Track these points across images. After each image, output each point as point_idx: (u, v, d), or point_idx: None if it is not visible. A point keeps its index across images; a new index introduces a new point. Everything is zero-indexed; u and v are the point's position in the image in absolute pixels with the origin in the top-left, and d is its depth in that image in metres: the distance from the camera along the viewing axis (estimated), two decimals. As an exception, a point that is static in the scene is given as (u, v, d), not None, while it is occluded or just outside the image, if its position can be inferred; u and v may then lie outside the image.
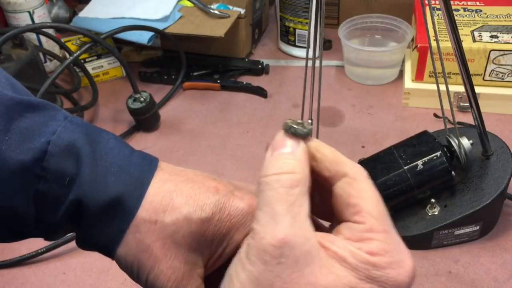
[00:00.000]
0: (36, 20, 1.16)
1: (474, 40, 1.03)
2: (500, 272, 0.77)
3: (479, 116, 0.77)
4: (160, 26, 1.13)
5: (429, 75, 1.06)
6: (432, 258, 0.79)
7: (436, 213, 0.79)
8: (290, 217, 0.29)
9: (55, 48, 1.23)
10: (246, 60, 1.23)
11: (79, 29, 1.03)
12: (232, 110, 1.12)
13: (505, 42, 1.01)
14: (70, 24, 1.16)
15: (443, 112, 0.79)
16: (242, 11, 1.18)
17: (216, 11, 1.15)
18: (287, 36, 1.25)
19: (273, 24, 1.36)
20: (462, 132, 0.80)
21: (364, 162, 0.81)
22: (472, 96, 0.75)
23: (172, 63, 1.21)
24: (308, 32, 0.97)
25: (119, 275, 0.78)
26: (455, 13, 1.08)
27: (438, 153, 0.77)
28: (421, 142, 0.79)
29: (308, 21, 1.19)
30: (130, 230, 0.33)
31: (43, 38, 1.18)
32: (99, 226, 0.34)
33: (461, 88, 0.82)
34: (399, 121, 1.06)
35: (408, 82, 1.09)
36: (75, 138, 0.33)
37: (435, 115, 1.06)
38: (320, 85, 0.71)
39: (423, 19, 0.70)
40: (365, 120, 1.07)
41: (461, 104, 1.06)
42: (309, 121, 0.75)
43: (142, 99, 1.02)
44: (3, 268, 0.81)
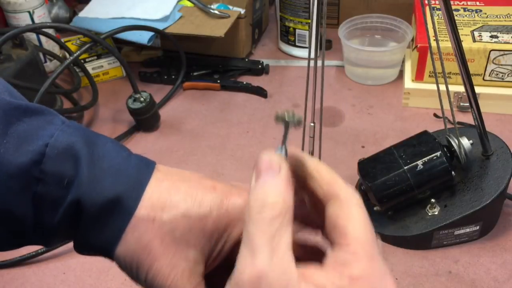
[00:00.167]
0: (36, 20, 1.16)
1: (474, 40, 1.03)
2: (500, 272, 0.77)
3: (479, 116, 0.77)
4: (160, 26, 1.13)
5: (429, 75, 1.06)
6: (432, 258, 0.79)
7: (436, 213, 0.79)
8: (269, 250, 0.28)
9: (55, 48, 1.23)
10: (246, 60, 1.23)
11: (79, 29, 1.03)
12: (232, 110, 1.12)
13: (505, 42, 1.01)
14: (70, 24, 1.16)
15: (443, 112, 0.79)
16: (242, 11, 1.18)
17: (216, 11, 1.15)
18: (287, 36, 1.25)
19: (273, 24, 1.36)
20: (462, 132, 0.80)
21: (364, 162, 0.81)
22: (472, 96, 0.75)
23: (172, 63, 1.21)
24: (309, 33, 0.97)
25: (119, 275, 0.78)
26: (455, 13, 1.08)
27: (438, 153, 0.77)
28: (421, 142, 0.79)
29: (310, 22, 1.19)
30: (129, 229, 0.33)
31: (43, 38, 1.18)
32: (98, 227, 0.34)
33: (461, 88, 0.82)
34: (399, 121, 1.06)
35: (408, 82, 1.09)
36: (73, 141, 0.34)
37: (435, 115, 1.06)
38: (323, 86, 0.71)
39: (423, 19, 0.70)
40: (365, 120, 1.07)
41: (461, 104, 1.06)
42: (312, 124, 0.74)
43: (142, 99, 1.02)
44: (3, 268, 0.81)
